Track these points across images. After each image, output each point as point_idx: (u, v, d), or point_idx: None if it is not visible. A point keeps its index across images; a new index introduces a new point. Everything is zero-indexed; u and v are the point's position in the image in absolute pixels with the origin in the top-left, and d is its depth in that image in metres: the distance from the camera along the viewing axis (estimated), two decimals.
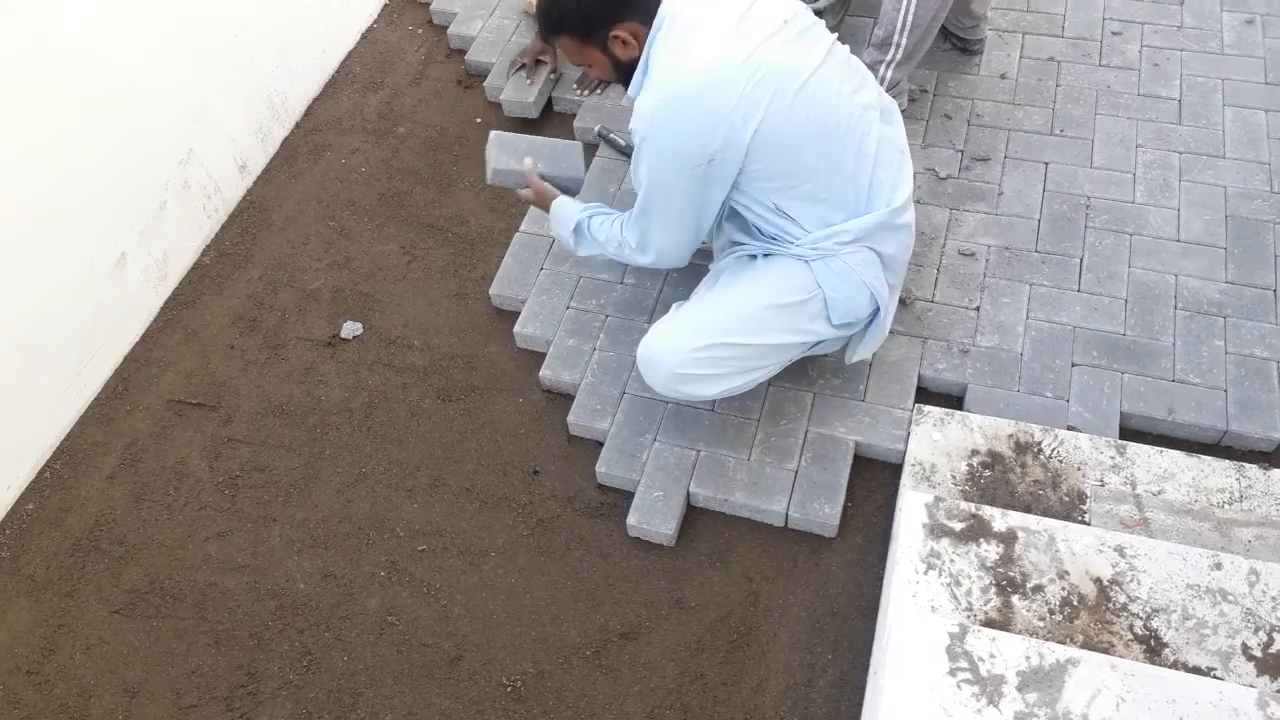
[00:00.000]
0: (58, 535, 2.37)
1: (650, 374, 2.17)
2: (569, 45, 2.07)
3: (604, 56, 2.06)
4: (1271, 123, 2.83)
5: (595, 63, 2.09)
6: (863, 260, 2.08)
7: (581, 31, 2.03)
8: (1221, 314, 2.44)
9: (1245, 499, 2.11)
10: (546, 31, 2.10)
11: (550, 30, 2.08)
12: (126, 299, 2.66)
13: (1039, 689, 1.61)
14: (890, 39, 2.67)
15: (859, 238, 2.07)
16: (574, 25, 2.03)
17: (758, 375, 2.18)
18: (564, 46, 2.08)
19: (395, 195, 3.00)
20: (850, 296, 2.10)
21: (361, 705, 2.08)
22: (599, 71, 2.12)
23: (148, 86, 2.59)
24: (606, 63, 2.07)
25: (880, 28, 2.69)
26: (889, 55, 2.70)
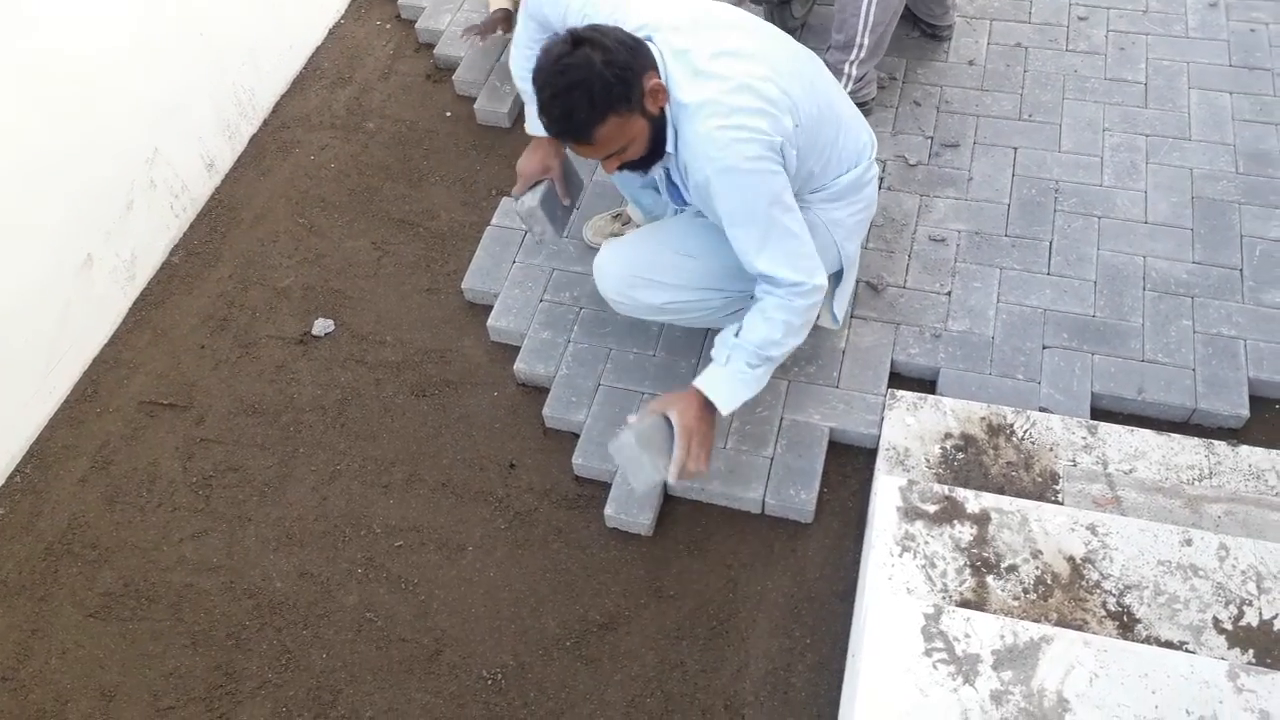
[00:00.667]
0: (30, 539, 2.35)
1: (603, 277, 2.22)
2: (613, 128, 1.81)
3: (644, 120, 1.85)
4: (1236, 105, 2.86)
5: (637, 134, 1.86)
6: (834, 219, 2.14)
7: (624, 99, 1.79)
8: (1189, 294, 2.47)
9: (1214, 475, 2.14)
10: (592, 122, 1.79)
11: (597, 118, 1.79)
12: (94, 300, 2.63)
13: (1014, 667, 1.62)
14: (853, 40, 2.69)
15: (837, 195, 2.12)
16: (618, 95, 1.78)
17: (709, 297, 2.18)
18: (604, 136, 1.82)
19: (365, 191, 2.98)
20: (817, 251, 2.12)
21: (341, 702, 2.08)
22: (637, 148, 1.88)
23: (112, 84, 2.56)
24: (646, 127, 1.87)
25: (840, 32, 2.70)
26: (852, 55, 2.71)
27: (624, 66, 1.78)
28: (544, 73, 1.80)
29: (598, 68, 1.76)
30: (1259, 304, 2.44)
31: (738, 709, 2.02)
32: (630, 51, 1.80)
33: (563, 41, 1.80)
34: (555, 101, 1.79)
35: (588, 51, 1.76)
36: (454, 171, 3.00)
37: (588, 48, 1.77)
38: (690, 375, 2.40)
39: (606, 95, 1.77)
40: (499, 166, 2.99)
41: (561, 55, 1.78)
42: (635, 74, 1.80)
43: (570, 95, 1.77)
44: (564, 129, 1.83)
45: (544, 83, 1.80)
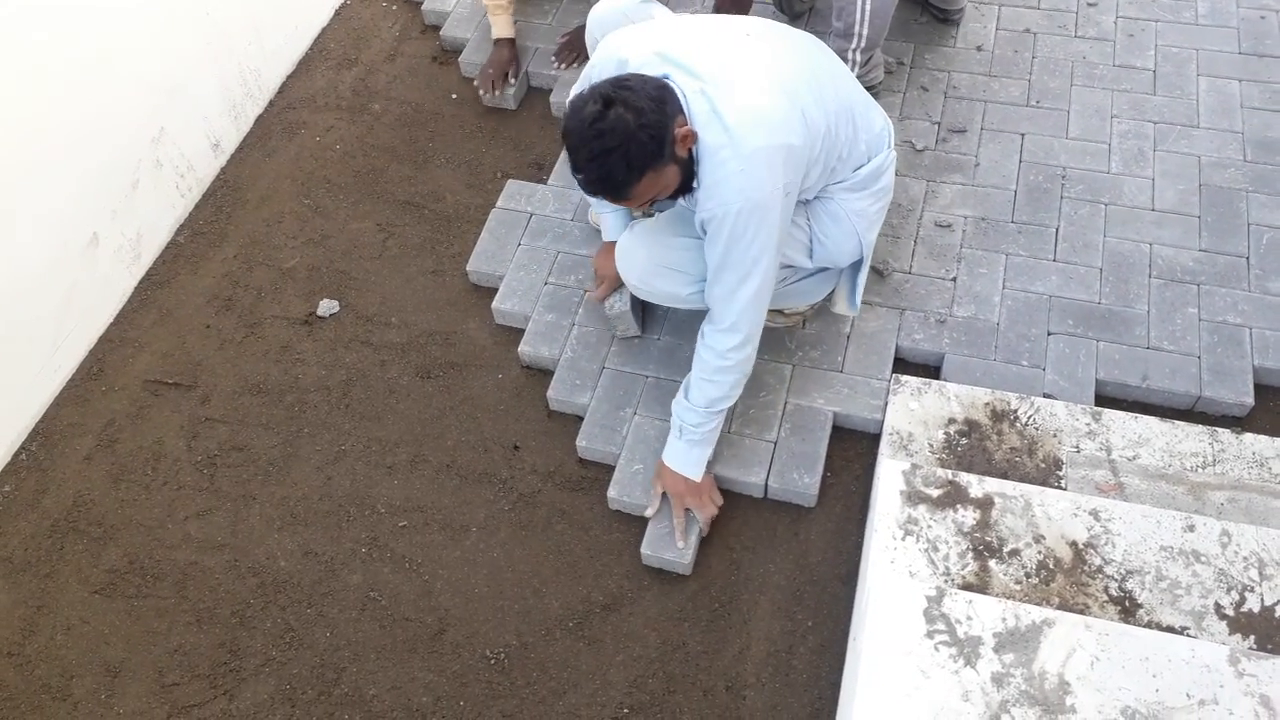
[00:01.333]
0: (35, 517, 2.36)
1: (627, 264, 2.21)
2: (648, 183, 1.83)
3: (676, 166, 1.85)
4: (1245, 92, 2.85)
5: (670, 180, 1.87)
6: (857, 209, 2.14)
7: (658, 155, 1.80)
8: (1195, 281, 2.47)
9: (1218, 463, 2.14)
10: (630, 182, 1.81)
11: (634, 177, 1.81)
12: (100, 279, 2.63)
13: (1015, 650, 1.63)
14: (851, 29, 2.67)
15: (858, 185, 2.13)
16: (652, 153, 1.79)
17: None
18: (639, 192, 1.85)
19: (371, 172, 2.98)
20: (838, 241, 2.17)
21: (345, 680, 2.09)
22: (668, 190, 1.89)
23: (118, 64, 2.56)
24: (677, 172, 1.87)
25: (839, 19, 2.68)
26: (853, 43, 2.69)
27: (655, 126, 1.78)
28: (576, 135, 1.80)
29: (632, 130, 1.76)
30: (1265, 292, 2.43)
31: (739, 690, 2.03)
32: (660, 106, 1.79)
33: (592, 101, 1.78)
34: (592, 165, 1.80)
35: (620, 113, 1.76)
36: (459, 154, 3.00)
37: (620, 108, 1.76)
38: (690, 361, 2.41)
39: (642, 156, 1.78)
40: (504, 149, 2.99)
41: (595, 119, 1.76)
42: (666, 128, 1.79)
43: (607, 160, 1.78)
44: (600, 190, 1.86)
45: (577, 145, 1.80)
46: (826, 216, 2.16)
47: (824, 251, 2.21)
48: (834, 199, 2.14)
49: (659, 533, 2.18)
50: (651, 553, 2.16)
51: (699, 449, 2.13)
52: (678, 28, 2.04)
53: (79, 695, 2.10)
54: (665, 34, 2.00)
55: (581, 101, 1.81)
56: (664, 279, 2.18)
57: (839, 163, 2.09)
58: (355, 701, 2.06)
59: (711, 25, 2.05)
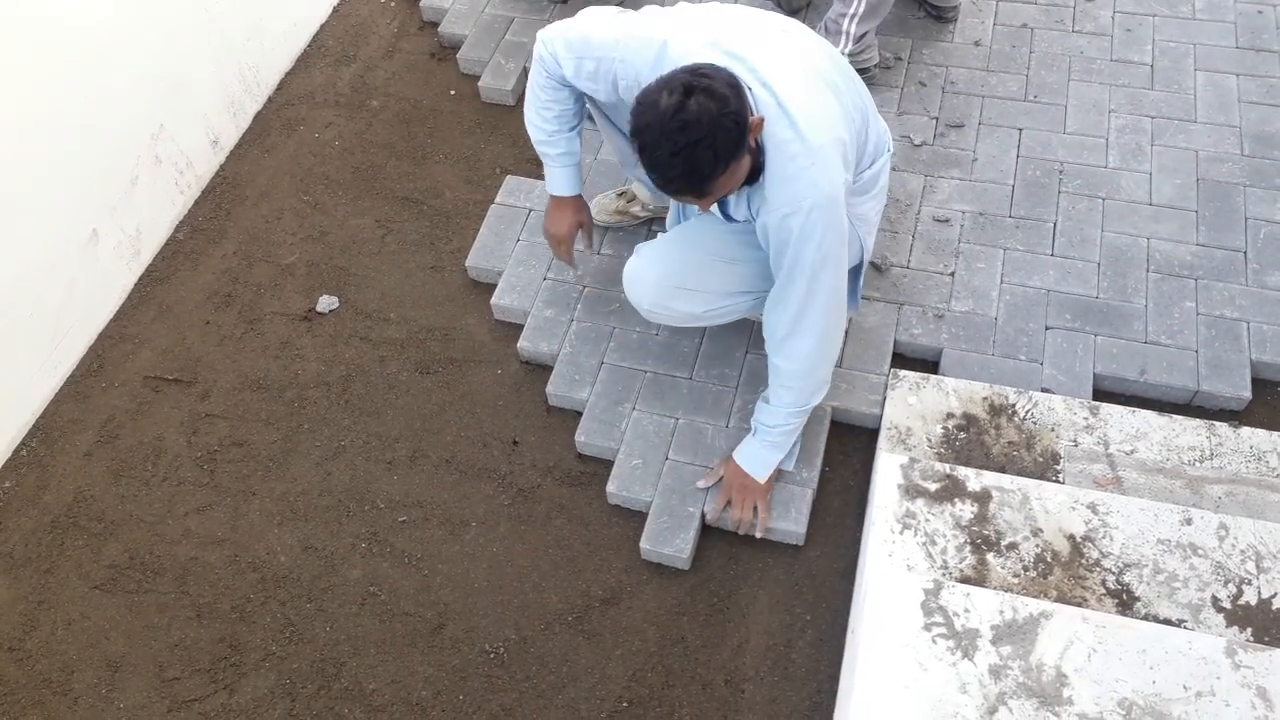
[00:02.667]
0: (36, 512, 2.36)
1: (637, 288, 2.17)
2: (730, 175, 1.75)
3: (749, 157, 1.77)
4: (1242, 86, 2.85)
5: (743, 172, 1.78)
6: (859, 214, 2.13)
7: (742, 145, 1.72)
8: (1193, 276, 2.47)
9: (1216, 457, 2.14)
10: (715, 175, 1.72)
11: (720, 170, 1.72)
12: (100, 275, 2.64)
13: (1012, 642, 1.64)
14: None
15: (862, 189, 2.12)
16: (737, 142, 1.71)
17: (744, 301, 2.18)
18: (720, 185, 1.76)
19: (369, 169, 2.98)
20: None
21: (345, 674, 2.10)
22: (738, 183, 1.81)
23: (116, 60, 2.56)
24: (749, 163, 1.79)
25: None
26: (851, 8, 2.69)
27: (739, 113, 1.70)
28: (657, 129, 1.68)
29: (717, 118, 1.67)
30: (1263, 286, 2.44)
31: (738, 684, 2.04)
32: (738, 94, 1.72)
33: (669, 92, 1.68)
34: (676, 159, 1.69)
35: (704, 101, 1.67)
36: (458, 150, 3.00)
37: (703, 97, 1.67)
38: (692, 355, 2.42)
39: (729, 145, 1.70)
40: (503, 145, 2.99)
41: (676, 110, 1.66)
42: (747, 115, 1.73)
43: (695, 152, 1.67)
44: (685, 186, 1.75)
45: (658, 139, 1.68)
46: None
47: None
48: None
49: (659, 528, 2.18)
50: (651, 547, 2.17)
51: (772, 452, 2.13)
52: (720, 15, 1.95)
53: (79, 690, 2.11)
54: (712, 22, 1.92)
55: (655, 93, 1.70)
56: (680, 299, 2.14)
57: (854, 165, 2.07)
58: (355, 696, 2.07)
59: (749, 17, 1.97)
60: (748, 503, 2.16)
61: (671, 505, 2.20)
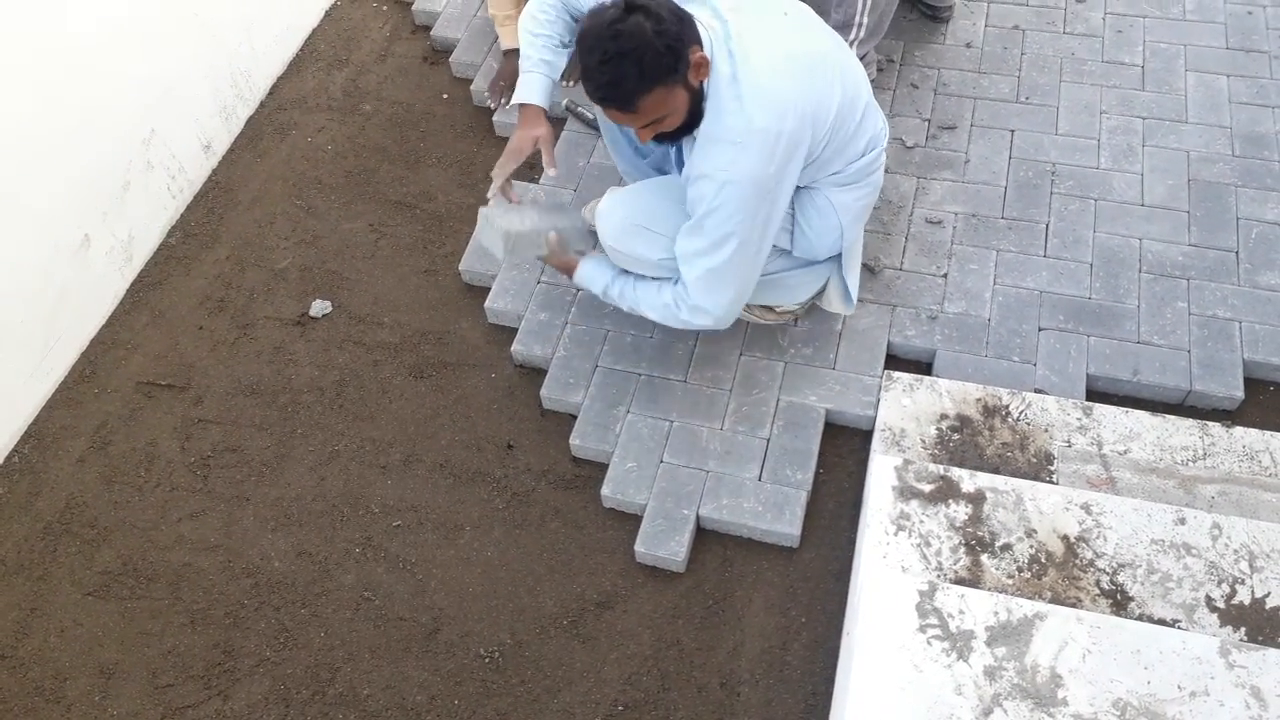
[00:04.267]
0: (28, 519, 2.35)
1: (604, 222, 2.19)
2: (657, 98, 1.80)
3: (685, 93, 1.83)
4: (1233, 87, 2.86)
5: (678, 106, 1.84)
6: (842, 202, 2.14)
7: (672, 70, 1.78)
8: (1185, 276, 2.48)
9: (1209, 456, 2.15)
10: (639, 91, 1.78)
11: (644, 87, 1.78)
12: (91, 281, 2.63)
13: (1007, 643, 1.64)
14: (851, 20, 2.67)
15: (848, 180, 2.13)
16: (666, 66, 1.77)
17: None
18: (647, 106, 1.81)
19: (362, 173, 2.98)
20: (820, 233, 2.17)
21: (340, 680, 2.09)
22: (675, 118, 1.87)
23: (108, 65, 2.55)
24: (686, 100, 1.85)
25: (839, 11, 2.68)
26: (851, 35, 2.70)
27: (675, 38, 1.76)
28: (592, 36, 1.77)
29: (649, 37, 1.74)
30: (1254, 286, 2.44)
31: (733, 687, 2.03)
32: (680, 23, 1.78)
33: (614, 6, 1.77)
34: (604, 68, 1.76)
35: (640, 20, 1.74)
36: (451, 153, 3.00)
37: (640, 15, 1.75)
38: (686, 358, 2.42)
39: (656, 66, 1.76)
40: (496, 148, 2.98)
41: (614, 20, 1.75)
42: (684, 45, 1.78)
43: (621, 63, 1.75)
44: (609, 95, 1.81)
45: (592, 46, 1.77)
46: (812, 209, 2.16)
47: (805, 241, 2.21)
48: (821, 191, 2.14)
49: (653, 531, 2.17)
50: (645, 550, 2.16)
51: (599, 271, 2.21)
52: None
53: (72, 697, 2.10)
54: None
55: (603, 7, 1.79)
56: (639, 239, 2.15)
57: (836, 155, 2.08)
58: (350, 701, 2.06)
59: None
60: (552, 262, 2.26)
61: (666, 508, 2.20)
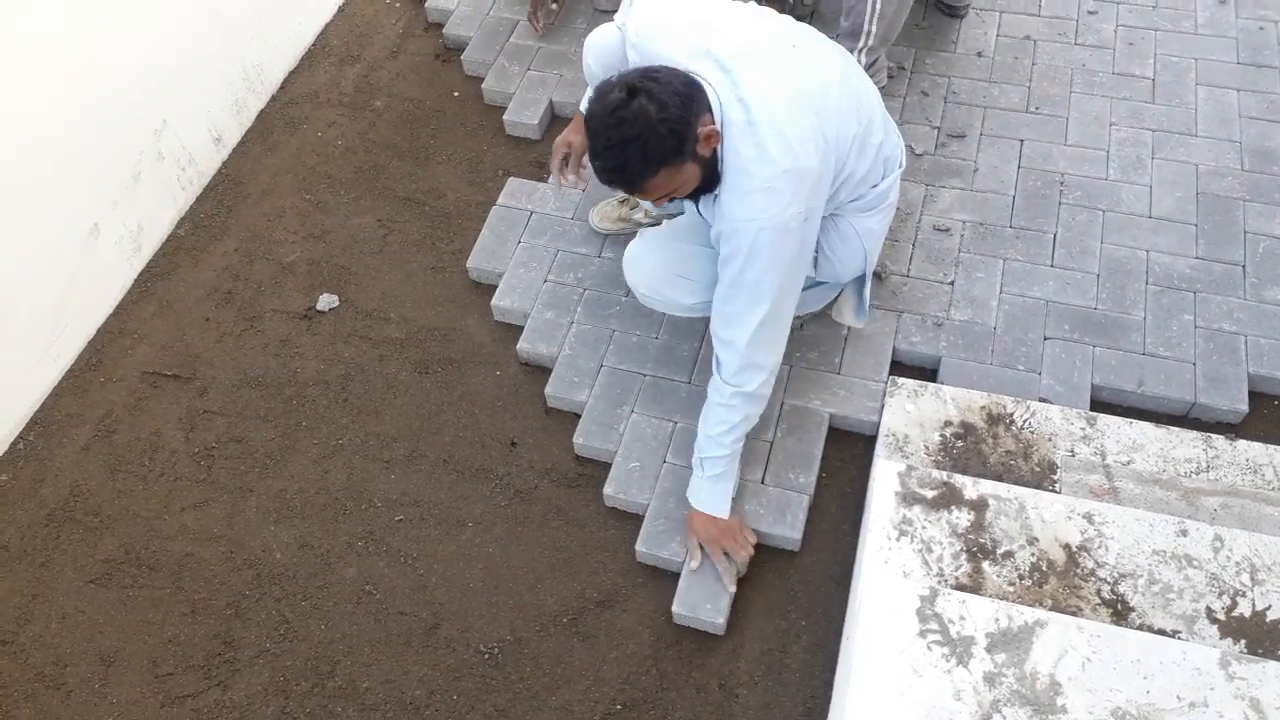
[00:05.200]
0: (32, 506, 2.36)
1: (636, 272, 2.21)
2: (663, 178, 1.81)
3: (695, 165, 1.83)
4: (1243, 102, 2.86)
5: (688, 179, 1.84)
6: (867, 228, 2.15)
7: (676, 152, 1.78)
8: (1191, 289, 2.48)
9: (1212, 469, 2.15)
10: (645, 175, 1.79)
11: (650, 171, 1.79)
12: (100, 270, 2.64)
13: (1007, 650, 1.64)
14: (860, 28, 2.67)
15: (870, 204, 2.14)
16: (670, 149, 1.77)
17: None
18: (654, 186, 1.83)
19: (372, 168, 2.99)
20: (844, 258, 2.18)
21: (339, 673, 2.09)
22: (686, 188, 1.87)
23: (120, 55, 2.56)
24: (697, 172, 1.85)
25: (848, 19, 2.68)
26: (860, 43, 2.70)
27: (678, 120, 1.75)
28: (597, 120, 1.78)
29: (653, 122, 1.73)
30: (1261, 300, 2.44)
31: (732, 688, 2.04)
32: (684, 102, 1.76)
33: (618, 89, 1.76)
34: (609, 152, 1.78)
35: (643, 104, 1.73)
36: (461, 151, 3.01)
37: (643, 99, 1.74)
38: (691, 359, 2.42)
39: (660, 149, 1.76)
40: (506, 147, 3.00)
41: (617, 107, 1.74)
42: (689, 125, 1.77)
43: (625, 149, 1.76)
44: (614, 179, 1.83)
45: (596, 130, 1.79)
46: (836, 235, 2.16)
47: (830, 267, 2.21)
48: (845, 218, 2.14)
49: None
50: (646, 550, 2.17)
51: (720, 484, 2.09)
52: (727, 23, 1.97)
53: (73, 684, 2.10)
54: (716, 30, 1.94)
55: (608, 88, 1.79)
56: (674, 286, 2.19)
57: (857, 182, 2.07)
58: (349, 694, 2.07)
59: (760, 29, 1.98)
60: (740, 542, 2.12)
61: (668, 508, 2.20)
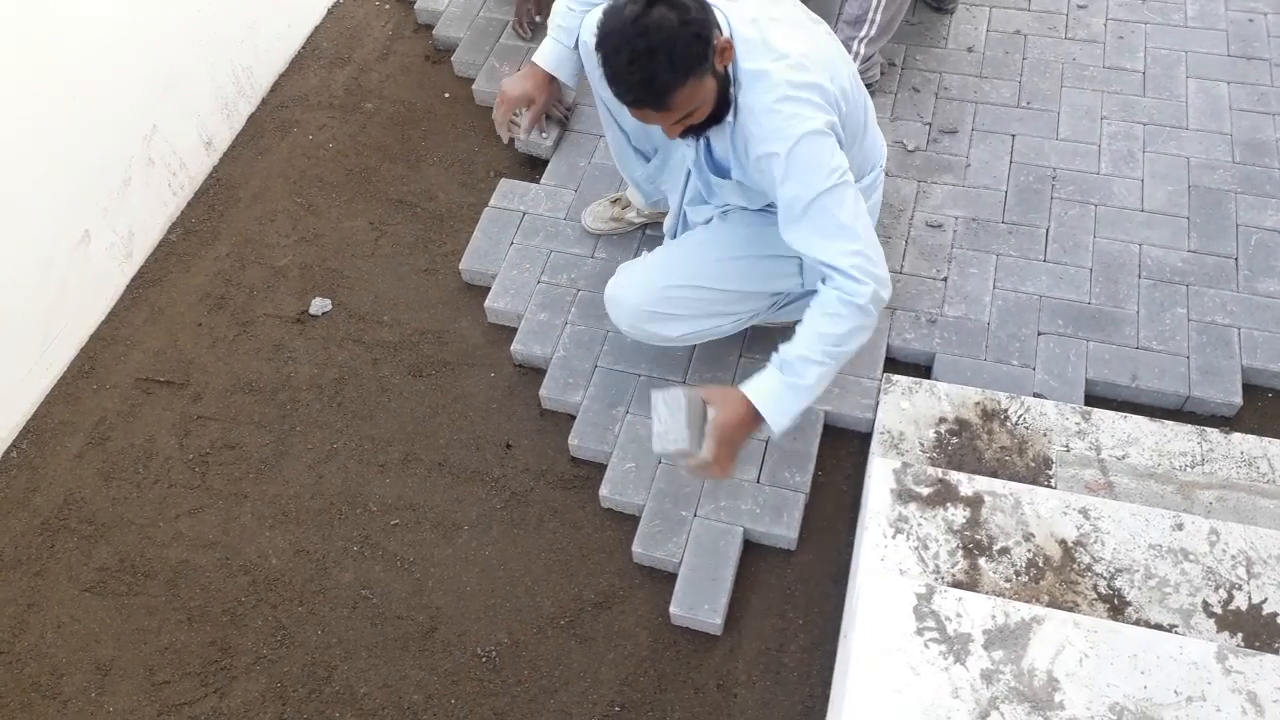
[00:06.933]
0: (26, 515, 2.35)
1: (616, 310, 2.20)
2: (690, 91, 1.73)
3: (714, 81, 1.76)
4: (1233, 94, 2.87)
5: (708, 95, 1.77)
6: None
7: (703, 58, 1.70)
8: (1184, 282, 2.48)
9: (1207, 462, 2.15)
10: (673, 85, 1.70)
11: (679, 81, 1.69)
12: (91, 277, 2.63)
13: (1004, 647, 1.64)
14: (865, 15, 2.67)
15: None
16: (698, 55, 1.69)
17: (722, 323, 2.21)
18: (681, 100, 1.73)
19: (363, 171, 2.98)
20: None
21: (336, 678, 2.09)
22: (705, 109, 1.79)
23: (109, 60, 2.55)
24: (715, 88, 1.78)
25: (852, 5, 2.69)
26: (863, 31, 2.70)
27: (701, 24, 1.69)
28: (616, 35, 1.68)
29: (677, 27, 1.66)
30: (1254, 293, 2.45)
31: (730, 688, 2.03)
32: (702, 6, 1.71)
33: (632, 1, 1.68)
34: (634, 66, 1.68)
35: (664, 11, 1.66)
36: (452, 152, 3.00)
37: (663, 6, 1.67)
38: (686, 360, 2.42)
39: (687, 56, 1.68)
40: (497, 148, 2.99)
41: (638, 16, 1.66)
42: (711, 30, 1.71)
43: (652, 59, 1.66)
44: (642, 96, 1.72)
45: (618, 46, 1.68)
46: None
47: (814, 274, 2.17)
48: None
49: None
50: (643, 551, 2.16)
51: (800, 397, 1.86)
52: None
53: (69, 693, 2.09)
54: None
55: (620, 3, 1.70)
56: (657, 324, 2.19)
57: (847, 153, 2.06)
58: (346, 699, 2.06)
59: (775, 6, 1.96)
60: (732, 454, 1.91)
61: (664, 509, 2.20)
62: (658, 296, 2.16)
